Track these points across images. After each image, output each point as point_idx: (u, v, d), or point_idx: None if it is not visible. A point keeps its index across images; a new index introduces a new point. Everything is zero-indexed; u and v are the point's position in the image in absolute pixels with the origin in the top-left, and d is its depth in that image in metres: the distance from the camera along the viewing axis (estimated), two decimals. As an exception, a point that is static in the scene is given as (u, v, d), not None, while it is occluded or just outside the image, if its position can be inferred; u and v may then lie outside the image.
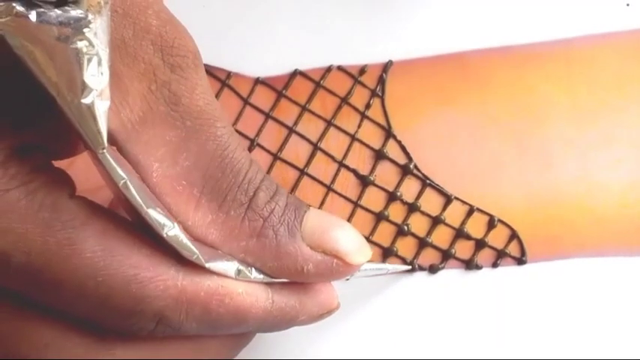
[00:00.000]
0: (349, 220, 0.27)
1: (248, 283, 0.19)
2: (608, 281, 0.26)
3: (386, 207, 0.27)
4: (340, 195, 0.27)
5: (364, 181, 0.27)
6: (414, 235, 0.27)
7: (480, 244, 0.27)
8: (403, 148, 0.27)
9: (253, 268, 0.19)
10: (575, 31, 0.27)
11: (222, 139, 0.19)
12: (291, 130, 0.27)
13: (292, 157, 0.27)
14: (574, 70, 0.27)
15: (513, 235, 0.27)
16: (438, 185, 0.27)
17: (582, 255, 0.27)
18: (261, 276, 0.19)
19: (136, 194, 0.17)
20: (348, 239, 0.20)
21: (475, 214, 0.27)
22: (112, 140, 0.17)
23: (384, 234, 0.27)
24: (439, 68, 0.27)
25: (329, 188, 0.27)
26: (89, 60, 0.15)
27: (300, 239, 0.19)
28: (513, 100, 0.27)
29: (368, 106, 0.27)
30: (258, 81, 0.27)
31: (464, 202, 0.27)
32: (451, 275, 0.27)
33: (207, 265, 0.18)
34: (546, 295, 0.26)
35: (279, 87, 0.27)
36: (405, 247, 0.27)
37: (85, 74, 0.15)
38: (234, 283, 0.19)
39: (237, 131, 0.27)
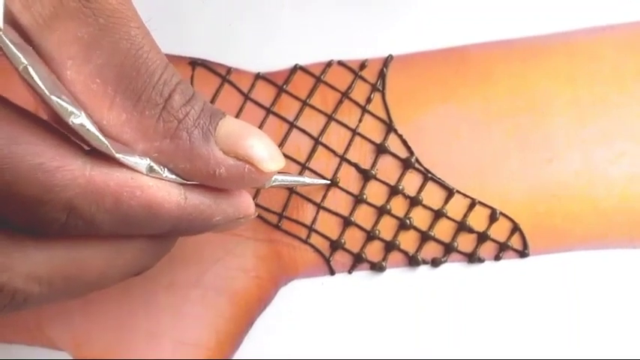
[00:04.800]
0: (351, 214, 0.27)
1: (160, 179, 0.19)
2: (610, 273, 0.27)
3: (388, 201, 0.27)
4: (342, 189, 0.27)
5: (366, 175, 0.27)
6: (416, 228, 0.27)
7: (482, 238, 0.27)
8: (404, 142, 0.27)
9: (166, 169, 0.19)
10: (575, 24, 0.28)
11: (137, 39, 0.19)
12: (292, 125, 0.27)
13: (293, 152, 0.27)
14: (575, 64, 0.27)
15: (515, 228, 0.27)
16: (439, 179, 0.27)
17: (584, 247, 0.27)
18: (174, 176, 0.19)
19: (38, 80, 0.16)
20: (262, 146, 0.20)
21: (477, 207, 0.27)
22: (26, 38, 0.17)
23: (387, 228, 0.27)
24: (439, 62, 0.27)
25: (331, 182, 0.27)
26: None
27: (214, 143, 0.19)
28: (514, 94, 0.27)
29: (369, 100, 0.27)
30: (258, 76, 0.27)
31: (465, 196, 0.27)
32: (453, 268, 0.27)
33: (117, 155, 0.18)
34: (549, 288, 0.26)
35: (280, 82, 0.27)
36: (408, 240, 0.27)
37: None
38: (145, 177, 0.19)
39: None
